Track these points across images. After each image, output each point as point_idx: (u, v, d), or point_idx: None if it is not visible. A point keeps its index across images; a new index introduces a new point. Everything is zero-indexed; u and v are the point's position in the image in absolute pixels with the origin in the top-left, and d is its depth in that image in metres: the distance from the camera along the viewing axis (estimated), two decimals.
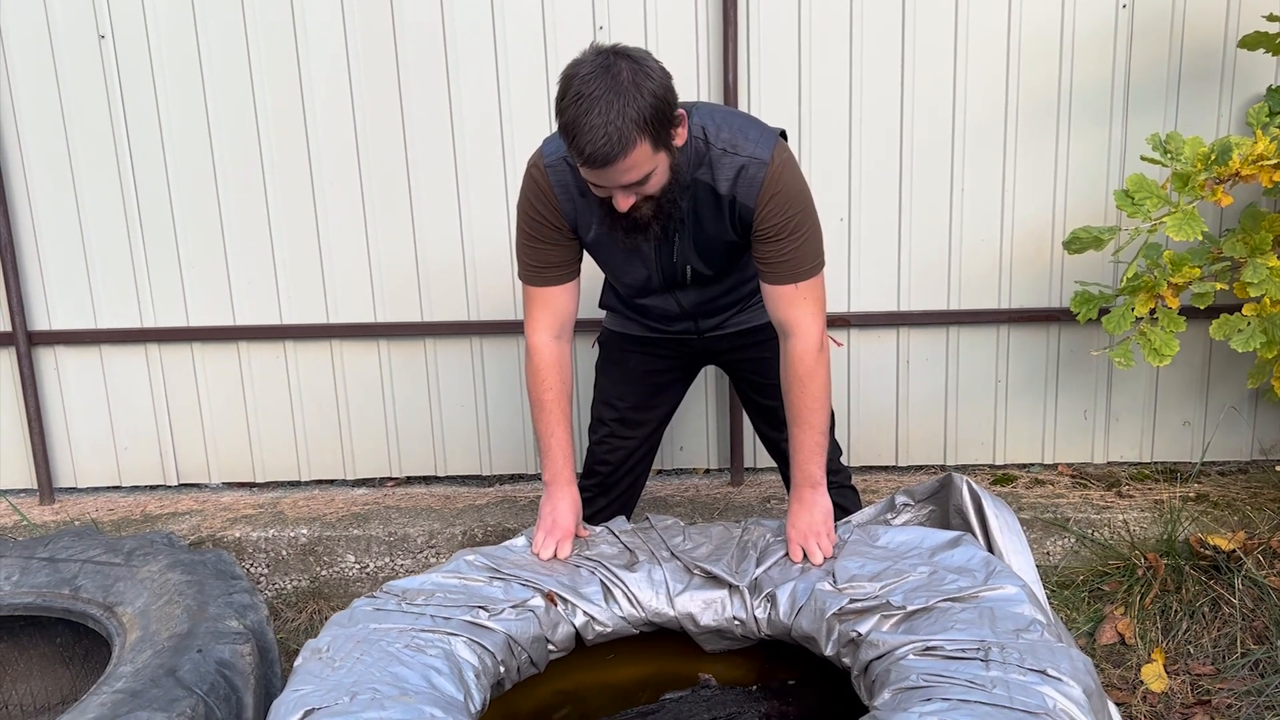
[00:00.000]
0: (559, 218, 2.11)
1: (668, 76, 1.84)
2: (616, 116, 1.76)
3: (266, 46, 3.04)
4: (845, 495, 2.48)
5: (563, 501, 2.19)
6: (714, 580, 2.06)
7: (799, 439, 2.14)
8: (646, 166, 1.84)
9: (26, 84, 3.09)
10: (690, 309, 2.32)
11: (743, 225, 2.08)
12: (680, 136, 1.91)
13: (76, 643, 2.50)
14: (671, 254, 2.17)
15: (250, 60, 3.05)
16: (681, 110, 1.90)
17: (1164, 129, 2.96)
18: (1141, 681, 2.44)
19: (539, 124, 3.04)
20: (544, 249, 2.14)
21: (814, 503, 2.13)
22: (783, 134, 2.11)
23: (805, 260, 2.07)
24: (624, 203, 1.90)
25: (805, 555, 2.05)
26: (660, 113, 1.81)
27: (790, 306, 2.08)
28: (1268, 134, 2.57)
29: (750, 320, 2.38)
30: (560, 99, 1.81)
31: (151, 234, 3.18)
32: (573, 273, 2.19)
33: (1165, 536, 2.75)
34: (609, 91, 1.76)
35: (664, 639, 2.04)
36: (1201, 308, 2.67)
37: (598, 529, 2.26)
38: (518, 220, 2.17)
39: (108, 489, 3.41)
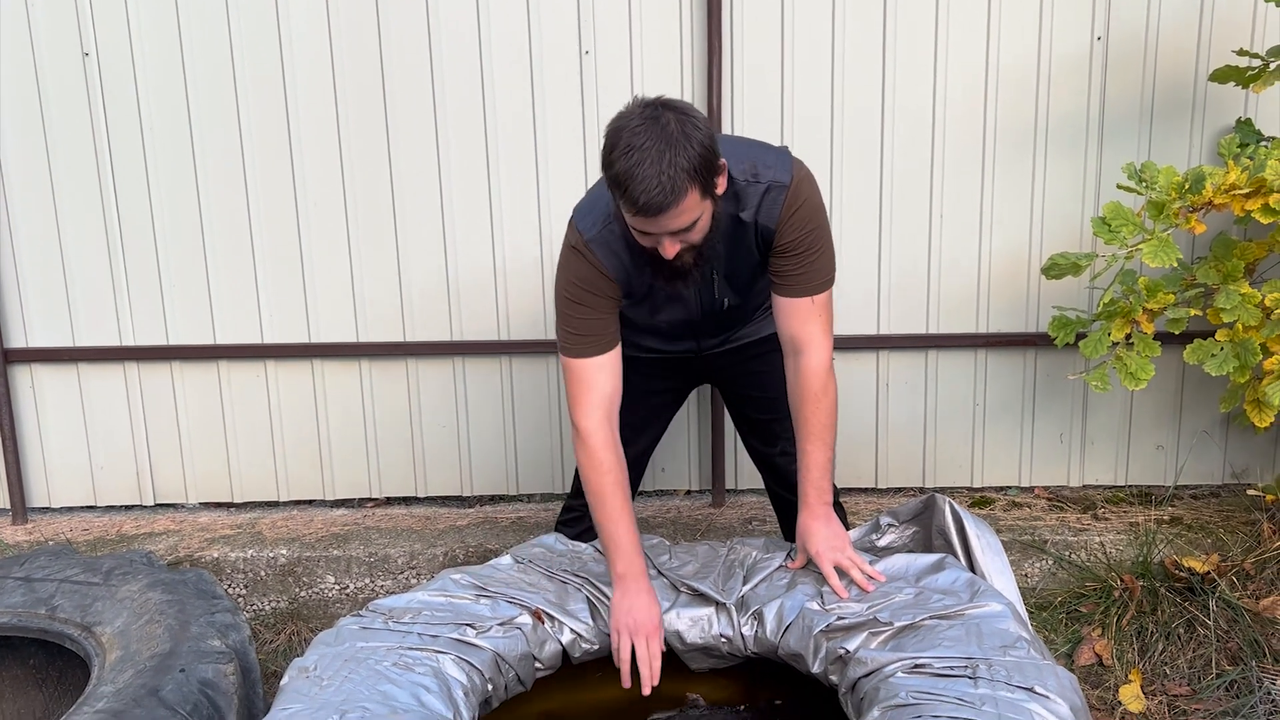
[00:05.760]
0: (612, 286, 2.10)
1: (710, 125, 1.87)
2: (669, 166, 1.78)
3: (251, 63, 3.05)
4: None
5: (640, 596, 2.03)
6: (701, 598, 2.07)
7: (813, 456, 2.15)
8: (695, 213, 1.86)
9: (8, 99, 3.08)
10: (704, 329, 2.33)
11: (764, 244, 2.10)
12: (721, 185, 1.93)
13: (50, 664, 2.47)
14: (712, 292, 2.19)
15: (235, 78, 3.05)
16: (724, 161, 1.92)
17: (1138, 158, 3.02)
18: (1120, 702, 2.47)
19: (525, 144, 3.07)
20: (590, 318, 2.10)
21: (829, 517, 2.14)
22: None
23: (821, 273, 2.10)
24: (670, 250, 1.90)
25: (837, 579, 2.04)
26: (707, 161, 1.83)
27: (804, 322, 2.11)
28: (1239, 164, 2.63)
29: (751, 334, 2.40)
30: (609, 151, 1.82)
31: (132, 251, 3.17)
32: (614, 339, 2.13)
33: (1141, 559, 2.78)
34: (659, 142, 1.78)
35: None
36: (1176, 333, 2.72)
37: (585, 547, 2.27)
38: (560, 294, 2.12)
39: (83, 509, 3.37)
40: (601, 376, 2.11)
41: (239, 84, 3.06)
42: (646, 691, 1.96)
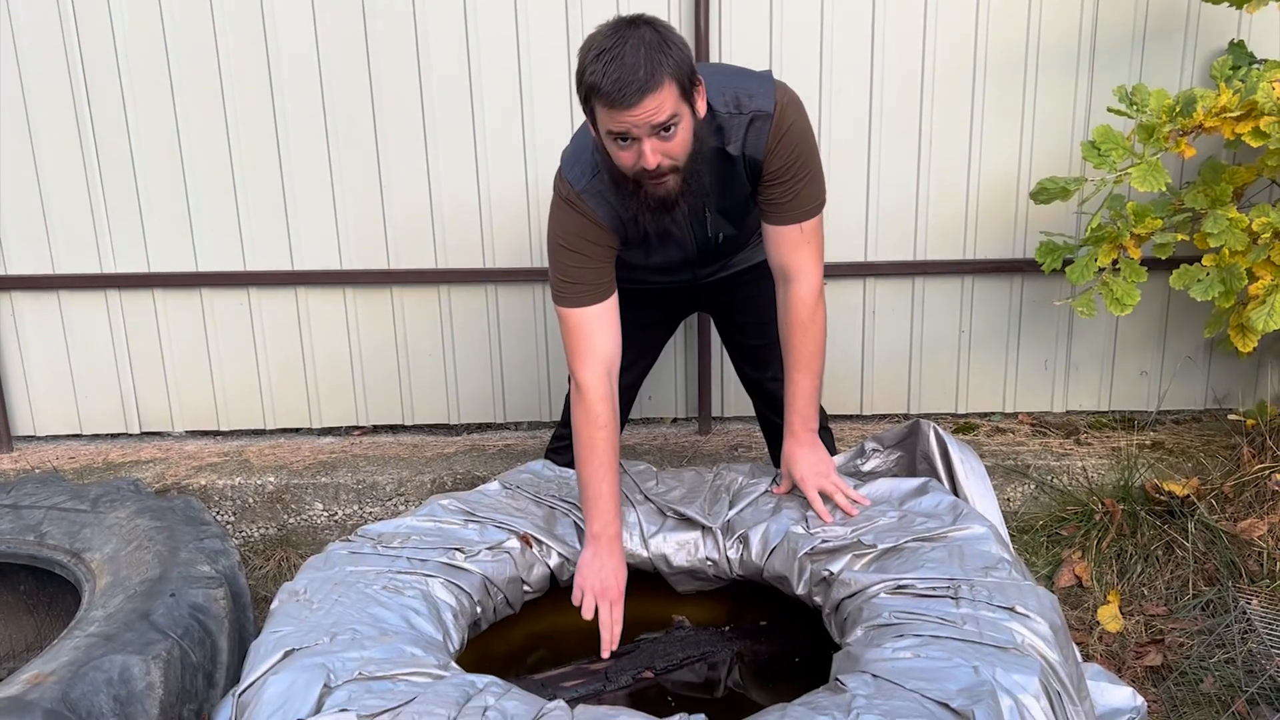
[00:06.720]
0: (607, 235, 2.05)
1: (687, 44, 1.84)
2: (645, 59, 1.75)
3: None
4: (822, 437, 2.50)
5: (611, 559, 2.02)
6: (687, 522, 2.09)
7: (800, 384, 2.15)
8: (672, 109, 1.79)
9: None
10: (700, 262, 2.30)
11: (753, 174, 2.06)
12: (700, 104, 1.88)
13: (40, 590, 2.48)
14: (705, 229, 2.16)
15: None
16: (701, 80, 1.87)
17: (1129, 82, 2.99)
18: (1098, 622, 2.52)
19: (508, 67, 3.01)
20: (585, 266, 2.05)
21: (814, 444, 2.15)
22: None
23: (809, 200, 2.07)
24: (652, 158, 1.83)
25: (822, 506, 2.06)
26: (685, 66, 1.79)
27: (794, 250, 2.08)
28: (1230, 86, 2.60)
29: (746, 260, 2.37)
30: (581, 63, 1.78)
31: (110, 177, 3.11)
32: (610, 288, 2.08)
33: (1122, 483, 2.82)
34: (634, 42, 1.75)
35: (638, 582, 2.06)
36: (1163, 258, 2.72)
37: (572, 473, 2.28)
38: (554, 243, 2.07)
39: (68, 437, 3.36)
40: (600, 328, 2.06)
41: (215, 6, 2.98)
42: (606, 655, 1.97)
